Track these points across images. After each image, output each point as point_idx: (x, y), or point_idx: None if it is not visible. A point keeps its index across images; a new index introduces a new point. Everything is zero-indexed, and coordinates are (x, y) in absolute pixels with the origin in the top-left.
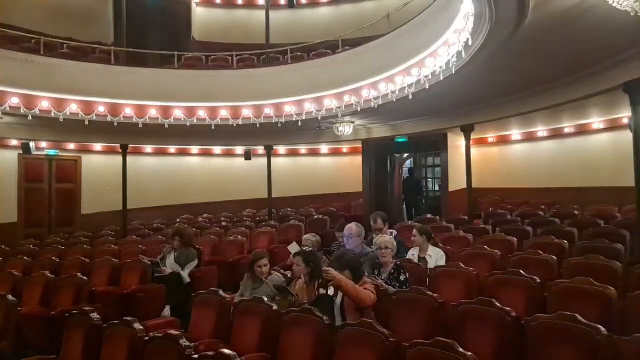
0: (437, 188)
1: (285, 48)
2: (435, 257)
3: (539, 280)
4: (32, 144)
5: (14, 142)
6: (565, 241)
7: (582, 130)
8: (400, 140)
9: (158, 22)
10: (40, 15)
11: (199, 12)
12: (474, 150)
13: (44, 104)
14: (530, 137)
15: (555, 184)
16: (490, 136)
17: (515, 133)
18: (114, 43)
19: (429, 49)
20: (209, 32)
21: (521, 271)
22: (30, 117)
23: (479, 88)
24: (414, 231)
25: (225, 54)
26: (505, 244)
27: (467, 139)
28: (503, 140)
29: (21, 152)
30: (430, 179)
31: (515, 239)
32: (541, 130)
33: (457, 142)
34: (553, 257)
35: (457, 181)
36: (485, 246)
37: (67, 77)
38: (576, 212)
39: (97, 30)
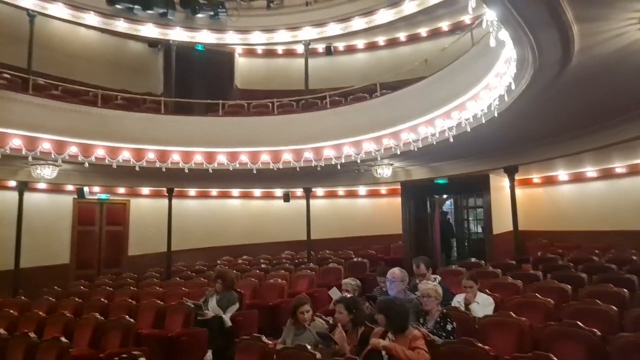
0: (479, 230)
1: (324, 94)
2: (484, 305)
3: (599, 333)
4: (86, 189)
5: (69, 187)
6: (626, 290)
7: (635, 171)
8: (440, 182)
9: (204, 72)
10: (99, 70)
11: (241, 62)
12: (518, 191)
13: (100, 152)
14: (578, 178)
15: (608, 226)
16: (536, 177)
17: (562, 174)
18: (163, 93)
19: (469, 92)
20: (250, 80)
21: (579, 323)
22: (86, 165)
23: (523, 129)
24: (464, 281)
25: (266, 101)
26: (559, 292)
27: (512, 180)
28: (549, 181)
29: (76, 196)
30: (472, 221)
31: (569, 286)
32: (590, 170)
33: (500, 183)
34: (613, 307)
35: (501, 223)
36: (537, 294)
37: (121, 127)
38: (634, 257)
39: (148, 81)
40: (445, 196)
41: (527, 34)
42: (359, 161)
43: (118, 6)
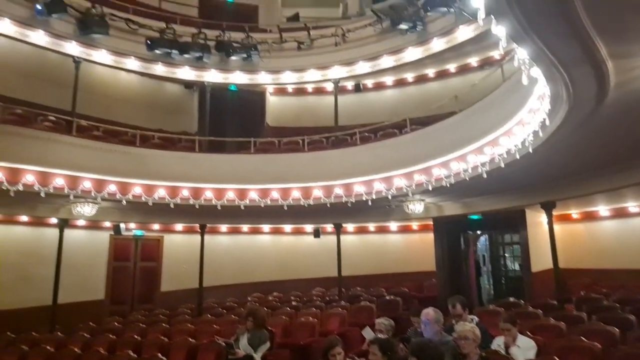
0: (517, 267)
1: (354, 130)
2: (525, 348)
3: None
4: (122, 226)
5: (107, 224)
6: None
7: None
8: (474, 217)
9: (236, 110)
10: (137, 111)
11: (272, 100)
12: (556, 227)
13: (137, 190)
14: (621, 214)
15: None
16: (574, 212)
17: (603, 209)
18: (197, 132)
19: (502, 128)
20: (281, 117)
21: None
22: (124, 202)
23: (560, 164)
24: (501, 323)
25: (297, 138)
26: (605, 335)
27: (549, 216)
28: (589, 217)
29: (112, 233)
30: (508, 258)
31: (616, 329)
32: (633, 205)
33: (537, 219)
34: None
35: (540, 260)
36: (582, 337)
37: (157, 165)
38: None
39: (183, 120)
40: (479, 232)
41: (561, 71)
42: (390, 197)
43: (157, 51)
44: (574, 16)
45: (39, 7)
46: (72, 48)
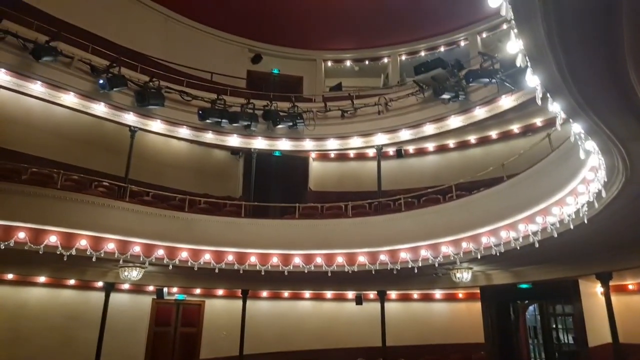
0: (571, 341)
1: (399, 197)
2: None
3: None
4: (165, 290)
5: (150, 288)
6: None
7: None
8: (524, 286)
9: (280, 175)
10: (185, 176)
11: (315, 165)
12: (612, 299)
13: (183, 255)
14: None
15: None
16: (631, 283)
17: None
18: (242, 196)
19: (553, 197)
20: (323, 182)
21: None
22: (170, 267)
23: (617, 234)
24: None
25: (340, 203)
26: None
27: (606, 287)
28: None
29: (155, 297)
30: (561, 330)
31: None
32: None
33: (591, 289)
34: None
35: (596, 334)
36: None
37: (204, 230)
38: None
39: (229, 184)
40: (527, 302)
41: (617, 145)
42: (436, 265)
43: (208, 120)
44: (629, 92)
45: (102, 81)
46: (129, 118)
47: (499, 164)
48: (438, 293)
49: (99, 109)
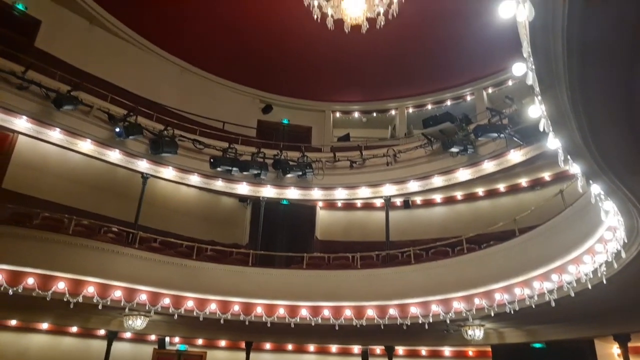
0: None
1: (408, 249)
2: None
3: None
4: (167, 340)
5: (152, 337)
6: None
7: None
8: (537, 346)
9: (287, 223)
10: (193, 222)
11: (322, 214)
12: None
13: (189, 304)
14: None
15: None
16: None
17: None
18: (248, 243)
19: (569, 255)
20: (330, 231)
21: None
22: (176, 317)
23: (637, 295)
24: None
25: (347, 254)
26: None
27: (624, 349)
28: None
29: (156, 346)
30: None
31: None
32: None
33: (607, 350)
34: None
35: None
36: None
37: (210, 279)
38: None
39: (235, 232)
40: None
41: (637, 206)
42: (448, 321)
43: (219, 169)
44: None
45: (118, 129)
46: (142, 165)
47: (508, 217)
48: (447, 350)
49: (114, 155)
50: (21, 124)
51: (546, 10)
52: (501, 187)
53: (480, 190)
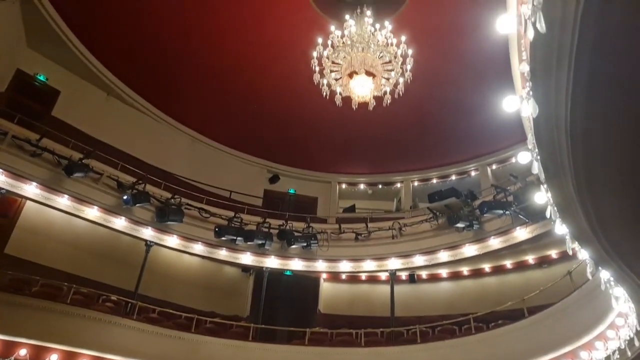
0: None
1: (413, 327)
2: None
3: None
4: None
5: None
6: None
7: None
8: None
9: (290, 295)
10: (193, 292)
11: (325, 286)
12: None
13: None
14: None
15: None
16: None
17: None
18: (249, 316)
19: (580, 340)
20: (334, 304)
21: None
22: None
23: None
24: None
25: (351, 330)
26: None
27: None
28: None
29: None
30: None
31: None
32: None
33: None
34: None
35: None
36: None
37: (209, 354)
38: None
39: (237, 303)
40: None
41: None
42: None
43: (223, 238)
44: None
45: (126, 197)
46: (147, 233)
47: (516, 295)
48: None
49: (119, 223)
50: (31, 189)
51: (549, 107)
52: (508, 263)
53: (486, 267)
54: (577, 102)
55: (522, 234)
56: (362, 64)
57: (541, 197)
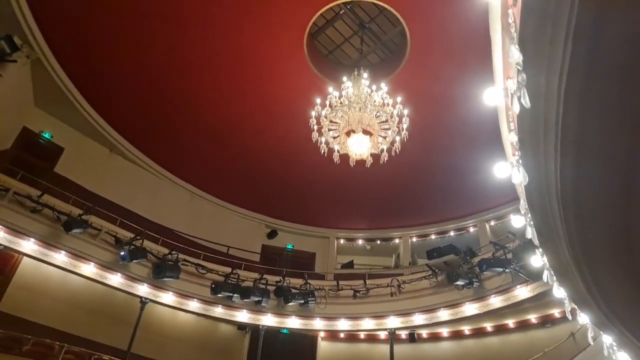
0: None
1: None
2: None
3: None
4: None
5: None
6: None
7: None
8: None
9: (286, 354)
10: (187, 351)
11: (323, 345)
12: None
13: None
14: None
15: None
16: None
17: None
18: None
19: None
20: None
21: None
22: None
23: None
24: None
25: None
26: None
27: None
28: None
29: None
30: None
31: None
32: None
33: None
34: None
35: None
36: None
37: None
38: None
39: None
40: None
41: None
42: None
43: (220, 295)
44: None
45: (123, 253)
46: (142, 289)
47: (519, 356)
48: None
49: (115, 279)
50: (28, 245)
51: (539, 174)
52: (510, 322)
53: (488, 326)
54: (566, 170)
55: (523, 292)
56: (359, 122)
57: (537, 260)
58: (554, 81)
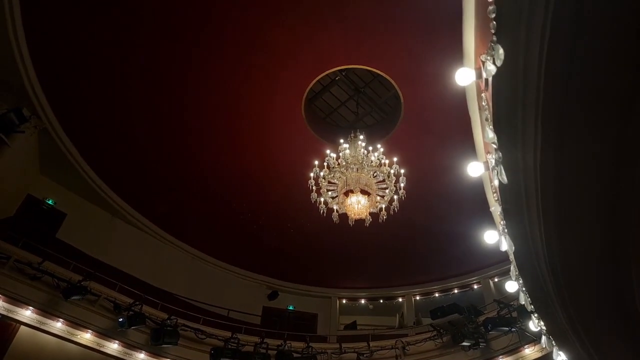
0: None
1: None
2: None
3: None
4: None
5: None
6: None
7: None
8: None
9: None
10: None
11: None
12: None
13: None
14: None
15: None
16: None
17: None
18: None
19: None
20: None
21: None
22: None
23: None
24: None
25: None
26: None
27: None
28: None
29: None
30: None
31: None
32: None
33: None
34: None
35: None
36: None
37: None
38: None
39: None
40: None
41: None
42: None
43: None
44: None
45: (121, 319)
46: (140, 357)
47: None
48: None
49: (112, 347)
50: (26, 314)
51: (526, 242)
52: None
53: None
54: (550, 236)
55: (531, 352)
56: (357, 182)
57: (533, 325)
58: (530, 157)
